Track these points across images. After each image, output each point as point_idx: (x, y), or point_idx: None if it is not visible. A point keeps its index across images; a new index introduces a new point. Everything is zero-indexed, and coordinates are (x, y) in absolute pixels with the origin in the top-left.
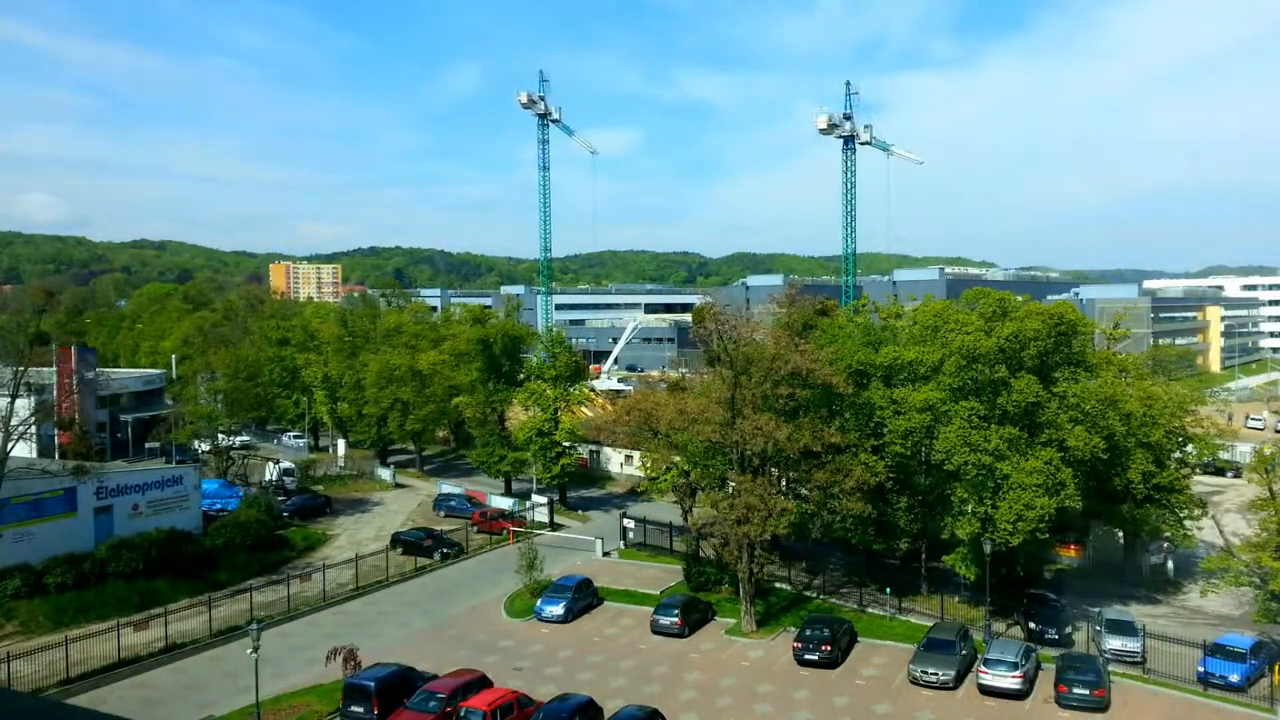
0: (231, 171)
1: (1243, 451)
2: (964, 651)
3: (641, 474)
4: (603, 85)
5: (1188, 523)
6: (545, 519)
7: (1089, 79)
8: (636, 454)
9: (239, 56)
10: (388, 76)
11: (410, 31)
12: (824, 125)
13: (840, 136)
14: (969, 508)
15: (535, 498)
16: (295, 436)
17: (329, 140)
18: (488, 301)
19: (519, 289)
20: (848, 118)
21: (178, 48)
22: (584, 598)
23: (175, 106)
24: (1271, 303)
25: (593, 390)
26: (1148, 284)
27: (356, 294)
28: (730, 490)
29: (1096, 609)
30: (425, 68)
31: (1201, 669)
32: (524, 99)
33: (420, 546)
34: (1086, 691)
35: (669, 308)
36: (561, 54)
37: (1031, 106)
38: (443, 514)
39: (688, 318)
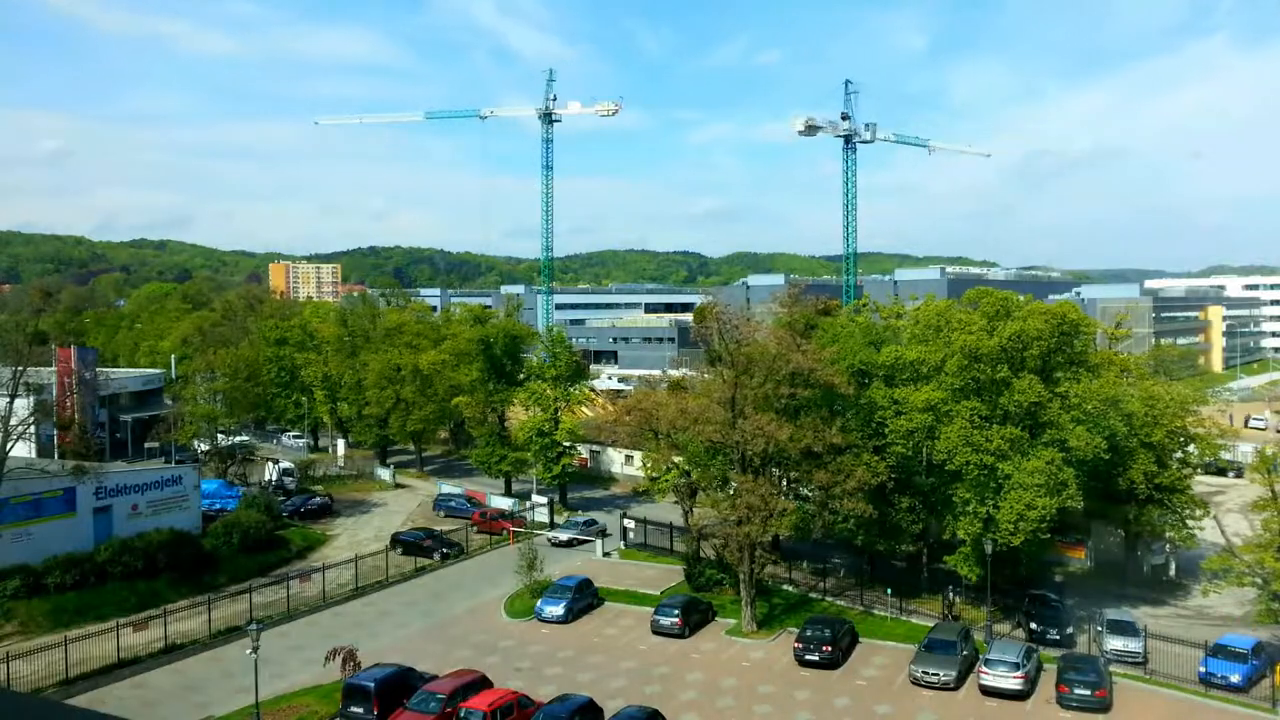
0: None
1: (1244, 451)
2: (965, 652)
3: (642, 474)
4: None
5: (1190, 523)
6: (545, 519)
7: None
8: (637, 454)
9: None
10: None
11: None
12: (801, 127)
13: (839, 136)
14: (970, 508)
15: (535, 498)
16: (295, 436)
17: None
18: (488, 301)
19: (519, 288)
20: (845, 117)
21: None
22: (584, 598)
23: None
24: (1273, 302)
25: (593, 390)
26: (1149, 284)
27: (356, 294)
28: (731, 491)
29: (1099, 609)
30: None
31: (1203, 669)
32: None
33: (420, 547)
34: (1088, 692)
35: (669, 307)
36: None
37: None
38: (443, 514)
39: (688, 317)
